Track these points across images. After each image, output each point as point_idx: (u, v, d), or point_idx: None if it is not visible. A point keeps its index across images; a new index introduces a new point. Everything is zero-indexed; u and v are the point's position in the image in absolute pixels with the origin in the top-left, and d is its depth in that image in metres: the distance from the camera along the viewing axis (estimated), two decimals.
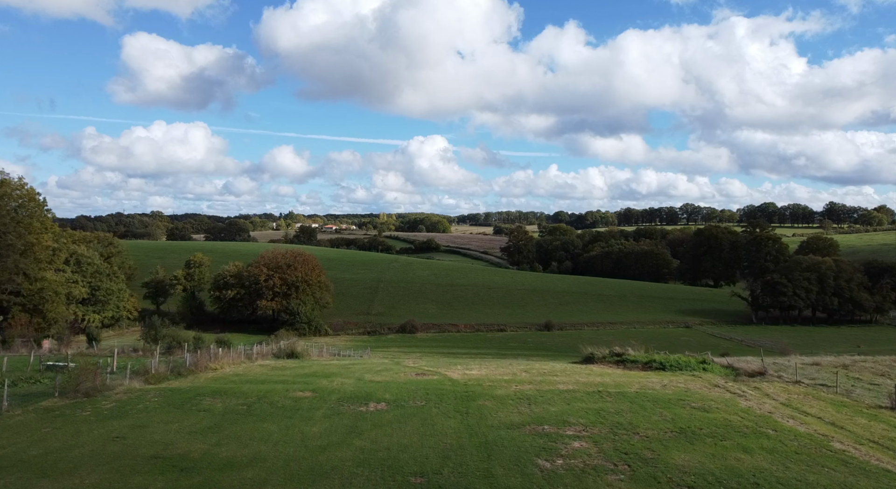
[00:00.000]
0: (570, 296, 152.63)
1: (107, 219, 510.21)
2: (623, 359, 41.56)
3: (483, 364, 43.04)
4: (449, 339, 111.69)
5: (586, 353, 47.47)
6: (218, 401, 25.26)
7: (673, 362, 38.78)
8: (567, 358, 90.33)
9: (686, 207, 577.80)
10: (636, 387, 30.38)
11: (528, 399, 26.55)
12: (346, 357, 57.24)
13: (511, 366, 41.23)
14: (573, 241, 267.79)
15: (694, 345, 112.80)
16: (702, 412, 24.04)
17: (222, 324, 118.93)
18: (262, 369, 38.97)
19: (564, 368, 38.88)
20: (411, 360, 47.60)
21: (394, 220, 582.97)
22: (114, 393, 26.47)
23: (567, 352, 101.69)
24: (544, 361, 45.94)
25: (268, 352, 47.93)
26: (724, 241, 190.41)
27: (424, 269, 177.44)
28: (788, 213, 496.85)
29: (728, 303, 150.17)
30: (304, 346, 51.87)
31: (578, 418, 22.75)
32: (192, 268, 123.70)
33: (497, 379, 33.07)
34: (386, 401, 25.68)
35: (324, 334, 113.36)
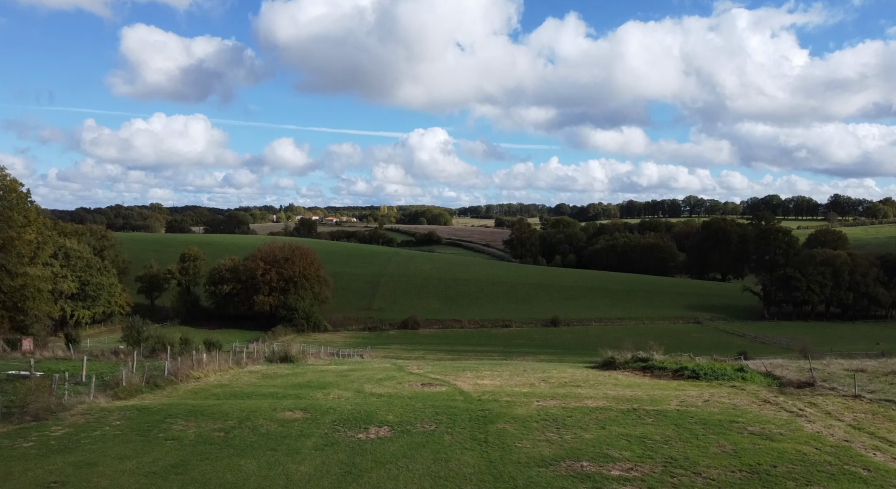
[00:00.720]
0: (577, 291, 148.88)
1: (106, 211, 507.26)
2: (649, 366, 37.72)
3: (495, 371, 39.18)
4: (452, 336, 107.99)
5: (606, 357, 43.59)
6: (192, 424, 21.42)
7: (707, 369, 34.93)
8: (578, 357, 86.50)
9: (689, 200, 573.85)
10: (675, 402, 26.52)
11: (554, 420, 22.72)
12: (345, 359, 53.51)
13: (526, 373, 37.38)
14: (577, 234, 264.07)
15: (706, 343, 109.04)
16: (765, 441, 20.16)
17: (218, 320, 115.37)
18: (250, 377, 35.12)
19: (586, 377, 35.04)
20: (416, 365, 43.75)
21: (395, 212, 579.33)
22: (70, 414, 22.62)
23: (576, 350, 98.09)
24: (561, 367, 42.10)
25: (259, 356, 44.10)
26: (733, 235, 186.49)
27: (426, 263, 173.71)
28: (792, 205, 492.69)
29: (738, 299, 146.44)
30: (299, 349, 48.04)
31: (621, 450, 18.89)
32: (187, 261, 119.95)
33: (514, 391, 29.21)
34: (389, 424, 21.84)
35: (323, 330, 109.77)
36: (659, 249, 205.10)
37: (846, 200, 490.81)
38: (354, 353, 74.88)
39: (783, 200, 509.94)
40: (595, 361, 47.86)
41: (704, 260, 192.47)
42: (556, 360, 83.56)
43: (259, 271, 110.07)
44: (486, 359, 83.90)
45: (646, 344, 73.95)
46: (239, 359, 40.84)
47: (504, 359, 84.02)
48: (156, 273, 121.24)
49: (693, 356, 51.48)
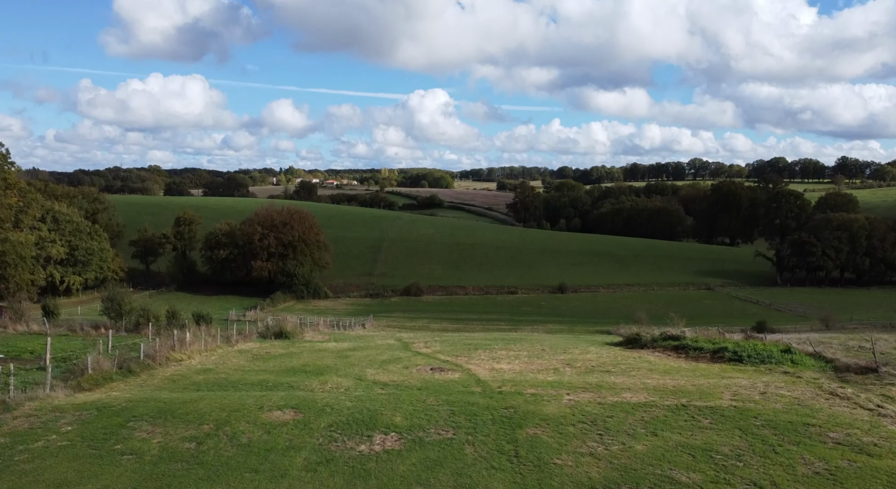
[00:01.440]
0: (583, 257, 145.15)
1: (104, 173, 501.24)
2: (683, 345, 34.01)
3: (510, 349, 35.52)
4: (457, 303, 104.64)
5: (630, 334, 39.95)
6: (159, 430, 17.71)
7: (750, 351, 31.19)
8: (589, 326, 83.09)
9: (694, 162, 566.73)
10: (727, 395, 22.80)
11: (593, 422, 19.01)
12: (345, 333, 49.96)
13: (545, 353, 33.71)
14: (581, 197, 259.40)
15: (719, 311, 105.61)
16: (860, 454, 16.42)
17: (215, 286, 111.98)
18: (239, 359, 31.46)
19: (615, 359, 31.36)
20: (422, 342, 40.09)
21: (396, 175, 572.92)
22: (12, 416, 18.87)
23: (586, 318, 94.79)
24: (583, 345, 38.42)
25: (251, 332, 40.41)
26: (743, 198, 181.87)
27: (429, 227, 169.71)
28: (799, 167, 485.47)
29: (749, 264, 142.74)
30: (295, 323, 44.39)
31: (688, 471, 15.15)
32: (182, 226, 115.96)
33: (538, 380, 25.51)
34: (397, 428, 18.13)
35: (323, 297, 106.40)
36: (666, 213, 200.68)
37: (854, 163, 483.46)
38: (356, 324, 71.48)
39: (789, 163, 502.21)
40: (617, 337, 44.28)
41: (713, 224, 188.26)
42: (566, 330, 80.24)
43: (256, 236, 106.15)
44: (492, 329, 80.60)
45: (666, 315, 70.46)
46: (229, 336, 37.12)
47: (512, 329, 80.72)
48: (150, 237, 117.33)
49: (723, 330, 47.90)
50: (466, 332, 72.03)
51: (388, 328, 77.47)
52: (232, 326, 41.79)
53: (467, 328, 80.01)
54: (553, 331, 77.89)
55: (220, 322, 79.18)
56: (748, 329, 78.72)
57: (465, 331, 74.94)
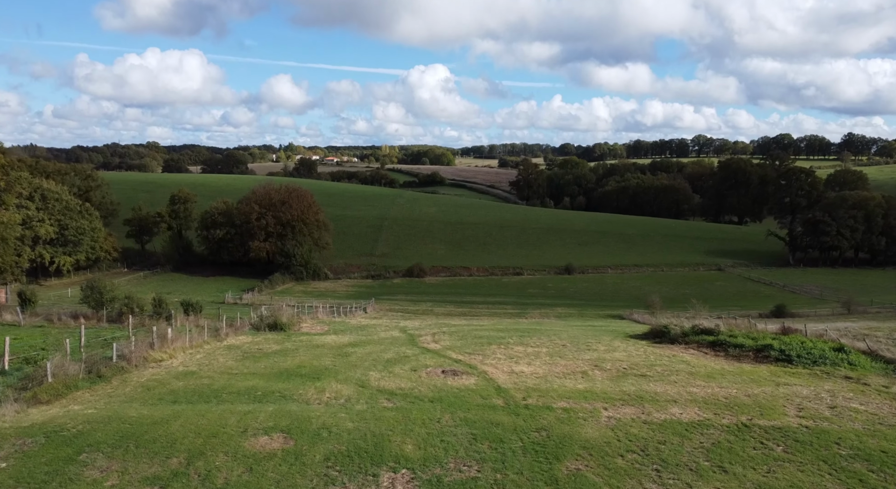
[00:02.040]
0: (590, 236, 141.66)
1: (102, 149, 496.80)
2: (720, 341, 30.65)
3: (527, 343, 32.21)
4: (461, 285, 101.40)
5: (657, 326, 36.61)
6: (115, 466, 14.45)
7: (798, 349, 27.84)
8: (600, 310, 79.85)
9: (698, 139, 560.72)
10: (792, 410, 19.49)
11: (644, 451, 15.73)
12: (346, 320, 46.65)
13: (567, 350, 30.41)
14: (586, 174, 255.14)
15: (732, 292, 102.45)
16: None
17: (212, 266, 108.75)
18: (227, 358, 28.16)
19: (647, 358, 28.04)
20: (429, 334, 36.79)
21: (396, 152, 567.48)
22: None
23: (595, 301, 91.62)
24: (605, 338, 35.05)
25: (244, 323, 37.07)
26: (753, 175, 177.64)
27: (431, 206, 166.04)
28: (804, 144, 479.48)
29: (760, 243, 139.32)
30: (291, 313, 41.04)
31: None
32: (178, 204, 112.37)
33: (567, 389, 22.20)
34: (409, 463, 14.86)
35: (323, 278, 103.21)
36: (673, 191, 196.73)
37: (860, 139, 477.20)
38: (357, 309, 68.28)
39: (795, 139, 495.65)
40: (639, 326, 40.99)
41: (721, 202, 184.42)
42: (576, 315, 77.10)
43: (254, 215, 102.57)
44: (499, 313, 77.43)
45: (678, 298, 66.79)
46: (217, 329, 33.79)
47: (519, 313, 77.59)
48: (145, 216, 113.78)
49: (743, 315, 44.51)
50: (473, 318, 68.86)
51: (391, 312, 74.30)
52: (223, 316, 38.46)
53: (473, 312, 76.83)
54: (563, 316, 74.74)
55: (214, 306, 76.12)
56: (766, 313, 75.64)
57: (470, 316, 71.76)
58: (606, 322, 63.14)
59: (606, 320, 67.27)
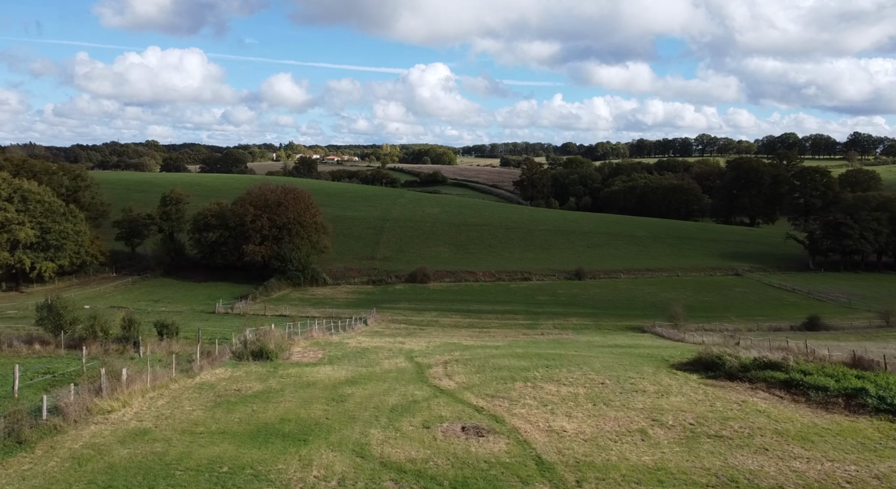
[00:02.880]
0: (599, 238, 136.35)
1: (101, 148, 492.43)
2: (793, 381, 25.29)
3: (561, 385, 26.89)
4: (467, 291, 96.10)
5: (706, 355, 31.20)
6: None
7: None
8: (617, 321, 74.35)
9: (701, 138, 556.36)
10: None
11: None
12: (343, 338, 41.24)
13: (611, 393, 25.10)
14: (591, 174, 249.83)
15: (754, 300, 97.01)
16: None
17: (205, 270, 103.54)
18: (194, 405, 22.84)
19: (711, 404, 22.72)
20: (440, 365, 31.46)
21: (397, 151, 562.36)
22: None
23: (609, 309, 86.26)
24: (646, 368, 29.64)
25: (223, 352, 31.74)
26: (765, 175, 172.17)
27: (434, 206, 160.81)
28: (809, 143, 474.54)
29: (776, 246, 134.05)
30: (280, 336, 35.66)
31: None
32: (169, 205, 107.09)
33: (631, 465, 16.88)
34: None
35: (321, 284, 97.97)
36: (682, 191, 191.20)
37: (866, 138, 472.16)
38: (357, 321, 63.02)
39: (800, 139, 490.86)
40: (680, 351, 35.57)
41: (732, 202, 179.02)
42: (592, 326, 71.78)
43: (248, 217, 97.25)
44: (510, 323, 72.14)
45: (697, 305, 61.09)
46: (190, 364, 28.48)
47: (531, 323, 72.27)
48: (135, 218, 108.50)
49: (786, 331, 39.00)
50: (483, 331, 63.62)
51: (393, 324, 69.07)
52: (200, 342, 33.16)
53: (482, 323, 71.57)
54: (578, 329, 69.48)
55: (203, 317, 71.00)
56: (798, 325, 70.36)
57: (480, 329, 66.50)
58: (631, 338, 57.89)
59: (629, 335, 62.02)
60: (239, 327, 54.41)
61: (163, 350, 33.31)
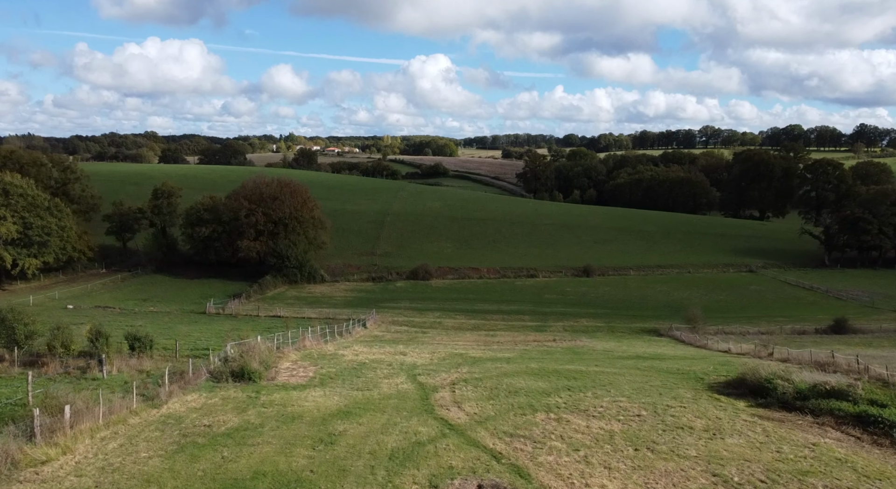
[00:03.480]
0: (606, 233, 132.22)
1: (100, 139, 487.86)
2: (868, 417, 21.31)
3: (590, 418, 22.93)
4: (471, 289, 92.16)
5: (753, 379, 27.15)
6: None
7: None
8: (630, 323, 70.29)
9: (705, 130, 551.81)
10: None
11: None
12: (338, 349, 37.21)
13: (652, 430, 21.13)
14: (596, 166, 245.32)
15: (771, 299, 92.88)
16: None
17: (198, 267, 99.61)
18: (152, 450, 18.83)
19: (777, 450, 18.76)
20: (447, 387, 27.49)
21: (398, 142, 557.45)
22: None
23: (621, 309, 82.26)
24: (683, 391, 25.68)
25: (200, 372, 27.73)
26: (776, 168, 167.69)
27: (436, 200, 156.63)
28: (814, 135, 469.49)
29: (790, 241, 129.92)
30: (266, 351, 31.66)
31: None
32: (161, 199, 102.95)
33: None
34: None
35: (319, 281, 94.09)
36: (690, 184, 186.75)
37: (872, 130, 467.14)
38: (355, 324, 59.04)
39: (805, 130, 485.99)
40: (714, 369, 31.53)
41: (741, 196, 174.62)
42: (605, 328, 67.73)
43: (243, 212, 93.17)
44: (517, 325, 68.18)
45: (712, 304, 56.84)
46: (158, 386, 24.50)
47: (539, 325, 68.29)
48: (125, 212, 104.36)
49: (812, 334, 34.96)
50: (489, 334, 59.67)
51: (394, 326, 65.13)
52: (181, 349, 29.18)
53: (488, 325, 67.61)
54: (590, 331, 65.54)
55: (192, 319, 67.06)
56: (824, 328, 66.35)
57: (486, 332, 62.56)
58: (648, 343, 53.93)
59: (645, 340, 58.06)
60: (227, 333, 50.54)
61: (132, 368, 29.36)
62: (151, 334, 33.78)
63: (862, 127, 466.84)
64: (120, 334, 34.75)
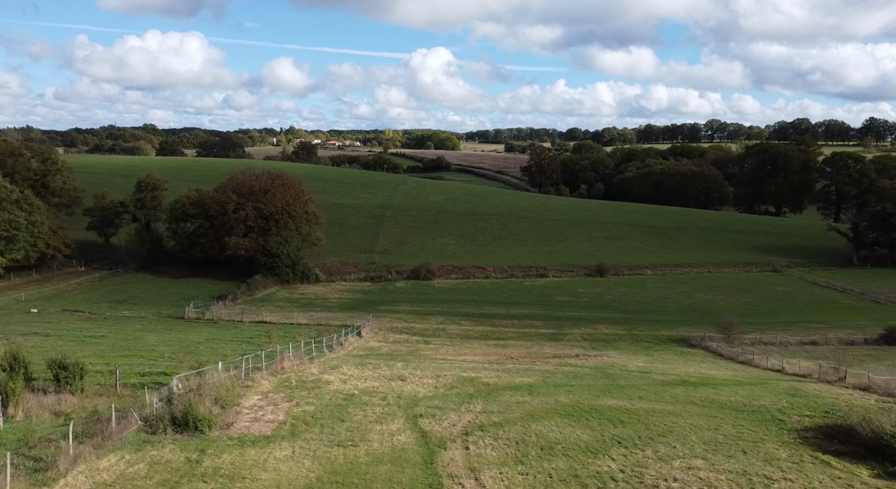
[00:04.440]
0: (618, 229, 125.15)
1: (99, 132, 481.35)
2: None
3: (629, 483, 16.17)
4: (476, 290, 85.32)
5: (867, 431, 20.41)
6: None
7: None
8: (653, 329, 63.42)
9: (711, 124, 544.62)
10: None
11: None
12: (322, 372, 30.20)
13: None
14: (603, 159, 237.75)
15: (802, 301, 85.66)
16: None
17: (185, 265, 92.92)
18: None
19: None
20: (459, 443, 20.69)
21: (400, 136, 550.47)
22: None
23: (641, 313, 75.25)
24: (782, 454, 18.94)
25: (127, 423, 20.87)
26: (794, 161, 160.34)
27: (439, 194, 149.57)
28: (822, 129, 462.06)
29: (811, 238, 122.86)
30: (228, 383, 24.75)
31: None
32: (144, 192, 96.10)
33: None
34: None
35: (313, 281, 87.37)
36: (703, 178, 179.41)
37: (882, 124, 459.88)
38: (348, 333, 52.24)
39: (813, 124, 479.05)
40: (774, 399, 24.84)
41: (756, 190, 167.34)
42: (627, 337, 60.83)
43: (231, 206, 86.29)
44: (529, 333, 61.34)
45: (742, 308, 51.14)
46: (60, 455, 17.67)
47: (554, 333, 61.43)
48: (107, 205, 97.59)
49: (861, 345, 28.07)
50: (500, 344, 52.82)
51: (392, 334, 58.32)
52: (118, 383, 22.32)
53: (497, 332, 60.79)
54: (610, 339, 58.78)
55: (168, 325, 60.32)
56: (874, 337, 59.45)
57: (495, 341, 55.75)
58: (685, 359, 47.06)
59: (676, 352, 51.23)
60: (198, 346, 43.85)
61: (47, 409, 22.57)
62: (84, 361, 26.91)
63: (871, 120, 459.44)
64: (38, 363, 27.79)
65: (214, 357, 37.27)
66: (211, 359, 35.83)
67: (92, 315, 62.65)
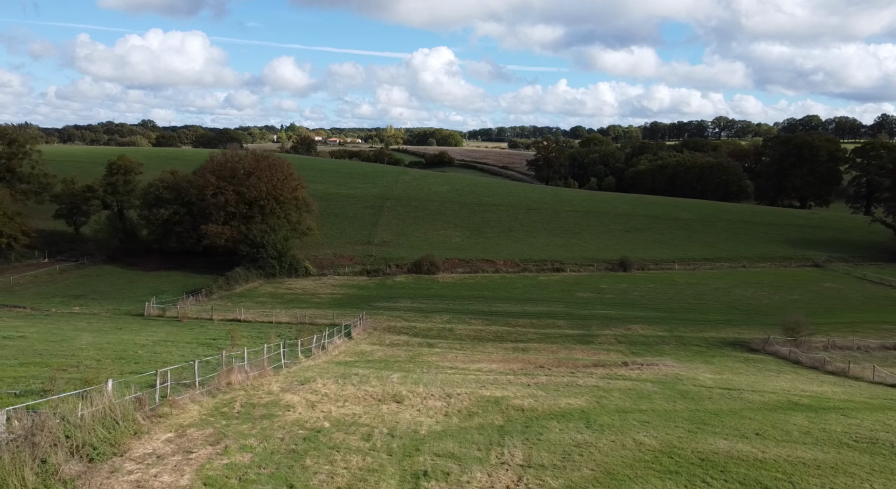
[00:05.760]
0: (637, 221, 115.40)
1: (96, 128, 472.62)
2: None
3: None
4: (486, 286, 75.68)
5: None
6: None
7: None
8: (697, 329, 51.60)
9: (718, 121, 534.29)
10: None
11: None
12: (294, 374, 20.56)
13: None
14: (613, 152, 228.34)
15: (855, 299, 75.15)
16: None
17: (160, 257, 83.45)
18: None
19: None
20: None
21: (402, 133, 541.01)
22: None
23: (677, 311, 65.28)
24: None
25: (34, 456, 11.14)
26: (822, 151, 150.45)
27: (442, 184, 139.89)
28: (833, 126, 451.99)
29: (848, 231, 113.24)
30: (118, 412, 15.02)
31: None
32: (116, 175, 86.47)
33: None
34: None
35: (303, 275, 77.78)
36: (721, 170, 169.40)
37: (893, 121, 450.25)
38: (336, 333, 42.50)
39: (823, 121, 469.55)
40: None
41: (780, 183, 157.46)
42: (671, 340, 50.94)
43: (209, 190, 76.86)
44: (553, 335, 51.60)
45: (790, 306, 40.56)
46: None
47: (583, 335, 51.72)
48: (76, 191, 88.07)
49: None
50: (521, 348, 43.08)
51: (390, 335, 48.60)
52: None
53: (515, 335, 51.04)
54: (650, 343, 48.98)
55: (125, 321, 50.72)
56: None
57: (514, 345, 46.00)
58: (754, 367, 37.31)
59: (739, 359, 41.44)
60: (136, 352, 34.21)
61: None
62: None
63: (884, 118, 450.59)
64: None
65: (152, 365, 27.84)
66: (147, 367, 26.61)
67: (33, 311, 53.09)
